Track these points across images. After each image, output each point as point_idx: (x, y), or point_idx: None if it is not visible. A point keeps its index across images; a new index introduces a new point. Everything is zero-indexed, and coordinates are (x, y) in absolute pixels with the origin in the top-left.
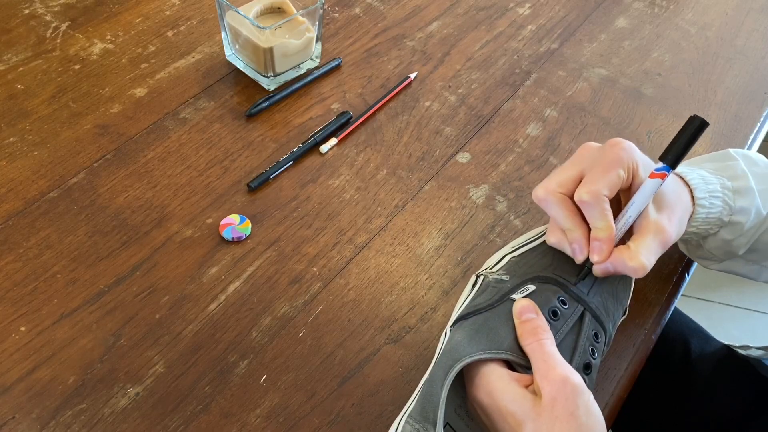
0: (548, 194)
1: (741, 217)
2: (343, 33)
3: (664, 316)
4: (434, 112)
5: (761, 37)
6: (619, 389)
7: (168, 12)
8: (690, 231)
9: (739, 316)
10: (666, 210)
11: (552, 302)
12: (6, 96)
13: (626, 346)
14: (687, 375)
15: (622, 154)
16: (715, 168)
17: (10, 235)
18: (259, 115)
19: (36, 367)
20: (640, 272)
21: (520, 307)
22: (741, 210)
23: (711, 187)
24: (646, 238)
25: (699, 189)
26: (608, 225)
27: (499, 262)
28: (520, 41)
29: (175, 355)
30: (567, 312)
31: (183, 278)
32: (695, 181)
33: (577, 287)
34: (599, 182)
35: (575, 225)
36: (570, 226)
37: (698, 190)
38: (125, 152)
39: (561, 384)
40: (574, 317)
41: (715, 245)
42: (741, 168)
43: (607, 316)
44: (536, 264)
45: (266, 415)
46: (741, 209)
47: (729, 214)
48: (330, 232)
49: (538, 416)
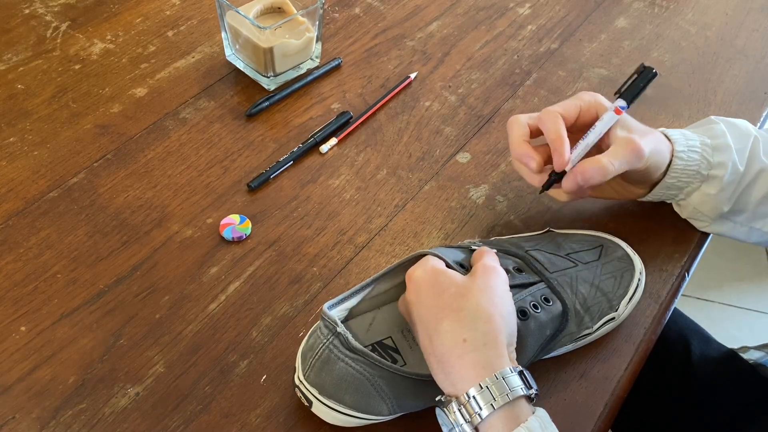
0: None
1: (719, 170)
2: (343, 33)
3: (664, 315)
4: (434, 112)
5: (761, 37)
6: (619, 389)
7: (168, 12)
8: (670, 183)
9: (739, 316)
10: (636, 132)
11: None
12: (6, 96)
13: (626, 346)
14: (687, 376)
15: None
16: (696, 130)
17: (10, 235)
18: (259, 115)
19: (36, 367)
20: (600, 172)
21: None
22: (719, 164)
23: (691, 142)
24: (613, 147)
25: (678, 143)
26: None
27: (485, 239)
28: (520, 41)
29: (175, 355)
30: (519, 276)
31: (183, 278)
32: (676, 136)
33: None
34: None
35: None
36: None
37: (678, 143)
38: (125, 152)
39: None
40: (524, 280)
41: (700, 200)
42: (720, 129)
43: (573, 295)
44: (513, 242)
45: (266, 415)
46: (719, 163)
47: (708, 168)
48: (330, 232)
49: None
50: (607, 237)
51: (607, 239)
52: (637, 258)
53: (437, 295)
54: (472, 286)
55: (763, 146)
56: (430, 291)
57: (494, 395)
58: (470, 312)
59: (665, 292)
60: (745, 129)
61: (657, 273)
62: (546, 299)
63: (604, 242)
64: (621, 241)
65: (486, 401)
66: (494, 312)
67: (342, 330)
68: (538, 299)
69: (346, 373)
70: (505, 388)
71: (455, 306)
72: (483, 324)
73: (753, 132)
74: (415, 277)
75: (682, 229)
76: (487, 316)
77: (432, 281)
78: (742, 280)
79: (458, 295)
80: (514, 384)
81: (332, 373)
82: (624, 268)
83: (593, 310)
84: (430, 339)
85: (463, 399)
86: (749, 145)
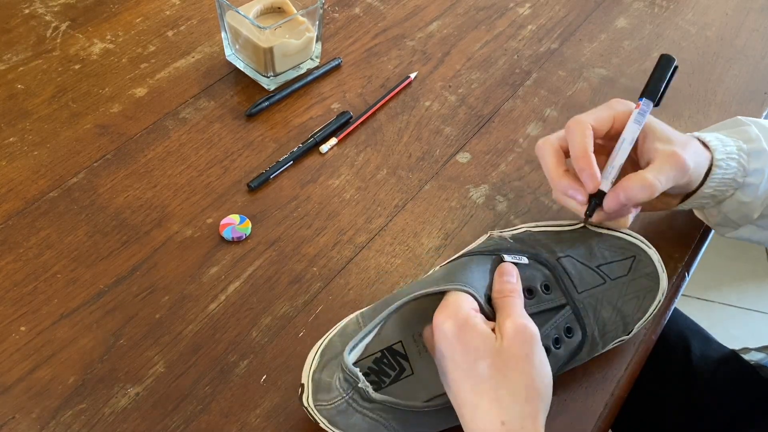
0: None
1: (755, 178)
2: (343, 33)
3: (664, 315)
4: (434, 112)
5: (761, 37)
6: (619, 389)
7: (168, 12)
8: (707, 192)
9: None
10: (679, 144)
11: (534, 281)
12: (6, 96)
13: (626, 346)
14: (687, 376)
15: (616, 101)
16: (729, 133)
17: (10, 235)
18: (259, 115)
19: (36, 367)
20: (648, 190)
21: (505, 268)
22: (755, 171)
23: (728, 148)
24: (656, 162)
25: (718, 150)
26: (583, 151)
27: (516, 228)
28: (520, 41)
29: (175, 355)
30: (546, 297)
31: (183, 278)
32: (714, 143)
33: (573, 287)
34: (587, 114)
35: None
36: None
37: (717, 152)
38: (125, 152)
39: (522, 327)
40: (551, 304)
41: (732, 208)
42: (754, 132)
43: (594, 322)
44: (545, 243)
45: (266, 415)
46: (755, 170)
47: (744, 175)
48: (330, 232)
49: (498, 354)
50: (641, 245)
51: (641, 248)
52: (664, 276)
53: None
54: (508, 359)
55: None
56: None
57: None
58: (509, 392)
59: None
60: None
61: None
62: (569, 329)
63: (638, 252)
64: (654, 253)
65: None
66: (533, 391)
67: (363, 385)
68: (562, 332)
69: (362, 422)
70: None
71: (493, 383)
72: (522, 406)
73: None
74: (444, 329)
75: (682, 229)
76: (525, 397)
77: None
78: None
79: (495, 369)
80: None
81: (348, 420)
82: (649, 288)
83: (608, 337)
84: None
85: None
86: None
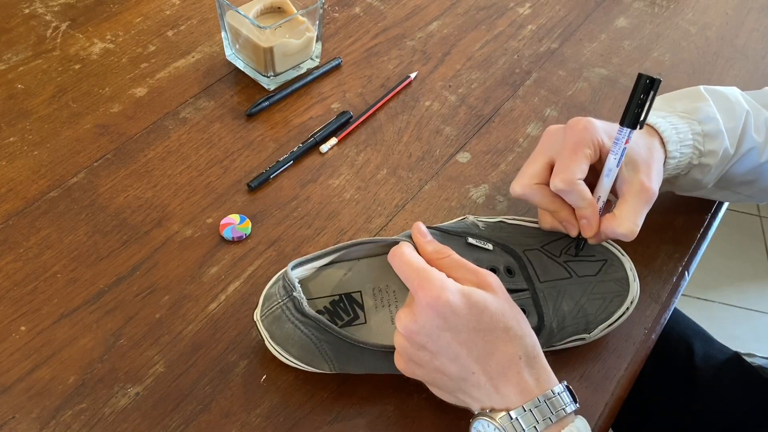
0: (525, 188)
1: (709, 159)
2: (343, 33)
3: (664, 315)
4: (434, 111)
5: (761, 37)
6: (619, 389)
7: (168, 12)
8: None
9: (740, 316)
10: (643, 167)
11: (497, 264)
12: (6, 96)
13: (626, 345)
14: (689, 377)
15: (584, 134)
16: (686, 110)
17: (10, 235)
18: (259, 114)
19: (36, 366)
20: (630, 236)
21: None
22: (710, 153)
23: (682, 135)
24: (629, 201)
25: (671, 141)
26: (589, 203)
27: (492, 217)
28: (520, 41)
29: (175, 354)
30: (508, 279)
31: (183, 278)
32: (667, 132)
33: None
34: (570, 168)
35: (559, 207)
36: (555, 208)
37: (670, 143)
38: (125, 152)
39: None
40: (511, 285)
41: (685, 182)
42: (713, 111)
43: (553, 312)
44: (516, 236)
45: (266, 415)
46: (710, 152)
47: (699, 156)
48: (330, 231)
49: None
50: (615, 252)
51: (615, 255)
52: (635, 285)
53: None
54: (503, 302)
55: (754, 121)
56: (469, 315)
57: (552, 409)
58: (515, 329)
59: (665, 292)
60: (737, 102)
61: (657, 273)
62: (523, 310)
63: (610, 257)
64: (628, 261)
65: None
66: (526, 326)
67: (297, 295)
68: None
69: (294, 333)
70: (561, 403)
71: (501, 326)
72: (528, 338)
73: (745, 106)
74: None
75: (682, 229)
76: (526, 331)
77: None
78: (742, 280)
79: (499, 315)
80: (566, 401)
81: (282, 329)
82: (617, 292)
83: (567, 332)
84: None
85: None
86: (741, 123)
